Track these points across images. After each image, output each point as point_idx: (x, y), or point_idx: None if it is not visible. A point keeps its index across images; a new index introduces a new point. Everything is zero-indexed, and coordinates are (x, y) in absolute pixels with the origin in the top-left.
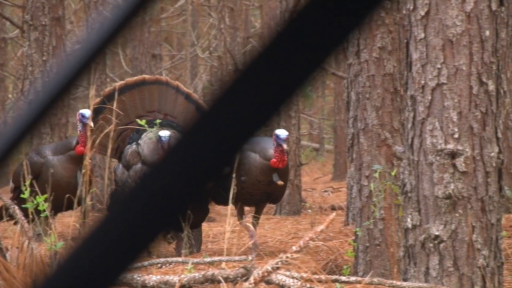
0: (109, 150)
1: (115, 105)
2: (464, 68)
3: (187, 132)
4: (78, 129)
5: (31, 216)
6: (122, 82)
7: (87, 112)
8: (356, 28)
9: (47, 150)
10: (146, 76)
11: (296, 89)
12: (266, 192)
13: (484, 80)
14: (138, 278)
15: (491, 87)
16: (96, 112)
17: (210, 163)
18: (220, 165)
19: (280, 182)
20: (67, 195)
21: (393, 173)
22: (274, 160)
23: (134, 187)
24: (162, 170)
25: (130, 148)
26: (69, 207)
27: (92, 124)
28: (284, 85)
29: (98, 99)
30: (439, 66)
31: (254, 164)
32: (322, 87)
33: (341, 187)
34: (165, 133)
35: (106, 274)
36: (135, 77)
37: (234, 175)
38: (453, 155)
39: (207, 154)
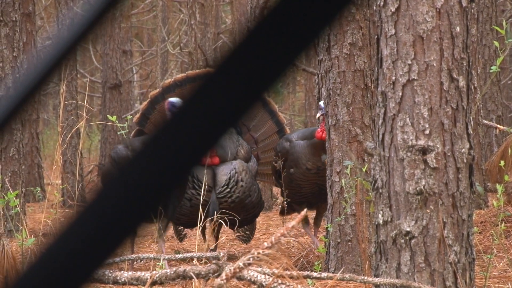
0: None
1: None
2: (434, 64)
3: (160, 128)
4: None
5: (2, 212)
6: (183, 74)
7: (174, 100)
8: (328, 25)
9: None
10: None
11: (268, 85)
12: (317, 183)
13: (455, 76)
14: (110, 274)
15: (462, 83)
16: (154, 102)
17: (183, 158)
18: (194, 159)
19: None
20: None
21: (364, 169)
22: (318, 130)
23: (107, 182)
24: (137, 164)
25: None
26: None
27: None
28: (255, 81)
29: (157, 90)
30: (409, 62)
31: (301, 151)
32: (292, 83)
33: None
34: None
35: (80, 270)
36: (198, 70)
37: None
38: (424, 151)
39: (179, 150)
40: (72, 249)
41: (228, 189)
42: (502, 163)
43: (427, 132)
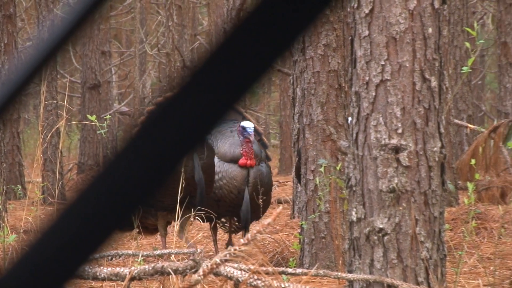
0: None
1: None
2: (407, 65)
3: (139, 129)
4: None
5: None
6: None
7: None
8: (304, 28)
9: None
10: None
11: (244, 85)
12: None
13: (427, 76)
14: (89, 270)
15: (434, 83)
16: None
17: (163, 159)
18: (173, 160)
19: None
20: None
21: (338, 168)
22: None
23: (93, 179)
24: (120, 163)
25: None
26: None
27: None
28: (232, 82)
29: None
30: (383, 63)
31: None
32: (268, 83)
33: (287, 181)
34: (249, 124)
35: (63, 268)
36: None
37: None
38: (396, 149)
39: (158, 151)
40: (55, 247)
41: (259, 194)
42: (473, 161)
43: (399, 131)
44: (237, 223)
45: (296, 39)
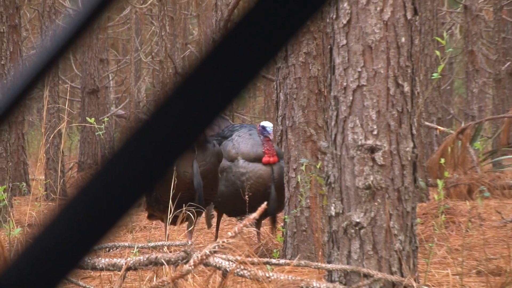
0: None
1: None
2: (382, 72)
3: (135, 130)
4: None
5: None
6: None
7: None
8: (288, 38)
9: None
10: None
11: (233, 91)
12: None
13: (400, 82)
14: (89, 261)
15: (407, 88)
16: None
17: (157, 159)
18: (166, 160)
19: None
20: None
21: (318, 166)
22: None
23: (92, 177)
24: (117, 162)
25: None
26: None
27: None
28: (220, 87)
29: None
30: (359, 70)
31: None
32: (253, 88)
33: None
34: (268, 124)
35: (65, 259)
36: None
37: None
38: (372, 149)
39: (153, 151)
40: (57, 239)
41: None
42: (442, 160)
43: (375, 132)
44: None
45: (280, 48)
